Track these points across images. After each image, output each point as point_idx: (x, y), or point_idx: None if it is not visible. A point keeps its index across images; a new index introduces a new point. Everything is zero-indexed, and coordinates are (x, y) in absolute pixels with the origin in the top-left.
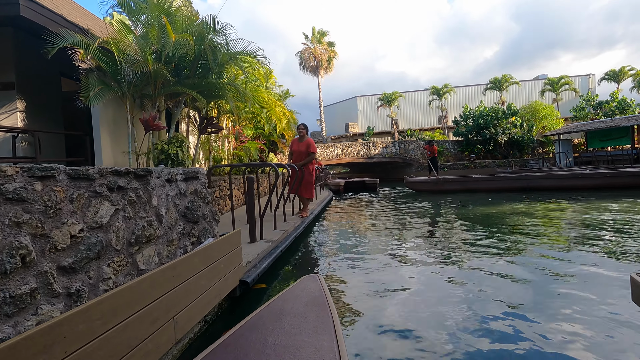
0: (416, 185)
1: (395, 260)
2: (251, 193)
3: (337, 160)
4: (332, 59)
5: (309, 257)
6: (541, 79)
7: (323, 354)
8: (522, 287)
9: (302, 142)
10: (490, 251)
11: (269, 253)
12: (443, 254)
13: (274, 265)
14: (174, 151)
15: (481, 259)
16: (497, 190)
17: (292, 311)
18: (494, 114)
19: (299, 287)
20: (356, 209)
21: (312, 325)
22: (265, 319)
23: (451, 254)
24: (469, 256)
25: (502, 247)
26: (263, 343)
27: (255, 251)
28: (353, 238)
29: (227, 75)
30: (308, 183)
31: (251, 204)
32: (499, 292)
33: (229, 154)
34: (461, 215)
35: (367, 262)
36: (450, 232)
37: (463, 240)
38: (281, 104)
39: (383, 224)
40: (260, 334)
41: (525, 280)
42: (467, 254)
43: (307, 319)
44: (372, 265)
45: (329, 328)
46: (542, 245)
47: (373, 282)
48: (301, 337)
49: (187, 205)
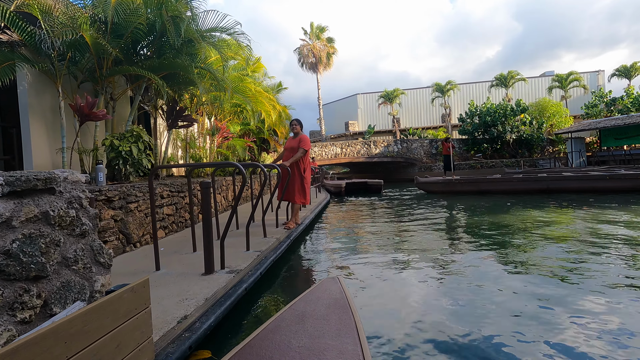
0: (427, 186)
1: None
2: (206, 203)
3: (336, 160)
4: (332, 55)
5: (291, 288)
6: (548, 76)
7: (347, 358)
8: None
9: (295, 138)
10: (523, 272)
11: (225, 296)
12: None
13: (236, 306)
14: (126, 148)
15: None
16: (514, 192)
17: (314, 314)
18: (502, 110)
19: (319, 289)
20: (360, 214)
21: (335, 328)
22: (288, 322)
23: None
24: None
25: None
26: (287, 345)
27: (204, 293)
28: (354, 253)
29: (202, 59)
30: (300, 185)
31: (207, 219)
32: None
33: (211, 152)
34: (481, 223)
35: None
36: (472, 246)
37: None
38: (271, 96)
39: (395, 235)
40: (284, 336)
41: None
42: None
43: (330, 322)
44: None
45: (351, 331)
46: (589, 278)
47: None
48: (324, 339)
49: (11, 247)
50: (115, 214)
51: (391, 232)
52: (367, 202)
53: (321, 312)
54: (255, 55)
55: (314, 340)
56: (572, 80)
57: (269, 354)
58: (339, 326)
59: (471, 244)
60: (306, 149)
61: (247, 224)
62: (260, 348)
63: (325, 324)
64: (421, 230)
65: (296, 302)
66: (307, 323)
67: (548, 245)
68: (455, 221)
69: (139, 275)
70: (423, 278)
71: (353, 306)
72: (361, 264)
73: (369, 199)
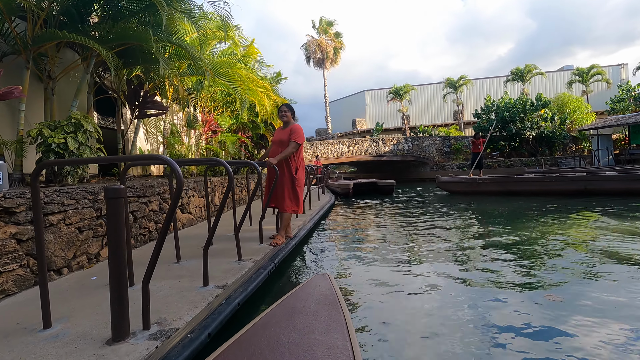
0: (450, 185)
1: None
2: (116, 221)
3: (342, 159)
4: (339, 51)
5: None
6: (567, 70)
7: (336, 352)
8: None
9: (285, 129)
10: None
11: None
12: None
13: None
14: (60, 140)
15: None
16: (545, 193)
17: (304, 310)
18: (521, 105)
19: (309, 285)
20: (371, 221)
21: (325, 324)
22: (278, 317)
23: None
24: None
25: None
26: (276, 341)
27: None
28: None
29: (171, 32)
30: (291, 189)
31: (117, 252)
32: None
33: (199, 149)
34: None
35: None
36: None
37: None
38: (267, 84)
39: (417, 251)
40: (274, 332)
41: None
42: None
43: (319, 318)
44: None
45: (341, 327)
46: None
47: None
48: (314, 335)
49: None
50: (18, 230)
51: (412, 248)
52: (378, 206)
53: (311, 308)
54: (248, 38)
55: (304, 335)
56: (594, 74)
57: (259, 350)
58: (328, 322)
59: (515, 271)
60: (299, 142)
61: (206, 248)
62: (249, 344)
63: (314, 319)
64: (461, 253)
65: (286, 298)
66: (297, 319)
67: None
68: (494, 233)
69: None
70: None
71: (342, 302)
72: (381, 299)
73: (379, 201)
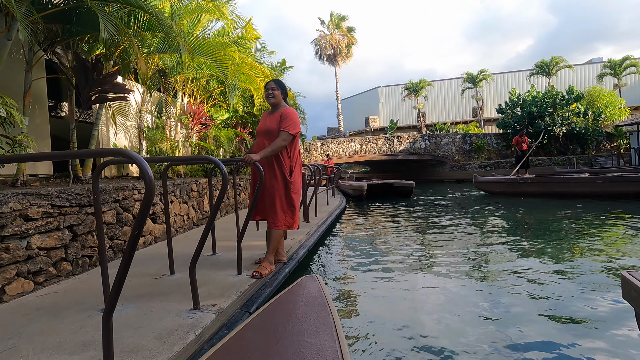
0: (488, 185)
1: None
2: None
3: (355, 158)
4: (352, 46)
5: None
6: (595, 63)
7: (325, 354)
8: None
9: (273, 114)
10: None
11: None
12: None
13: None
14: None
15: None
16: (597, 195)
17: (293, 312)
18: (551, 99)
19: (298, 287)
20: (392, 232)
21: (313, 326)
22: (267, 320)
23: None
24: None
25: None
26: (266, 344)
27: None
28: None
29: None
30: (284, 197)
31: None
32: None
33: (190, 145)
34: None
35: None
36: None
37: None
38: (265, 69)
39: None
40: (263, 335)
41: None
42: None
43: (308, 320)
44: None
45: (329, 328)
46: None
47: None
48: (303, 337)
49: None
50: None
51: (454, 275)
52: (397, 211)
53: (299, 310)
54: (244, 18)
55: (293, 338)
56: (628, 66)
57: (247, 354)
58: (317, 324)
59: None
60: (292, 132)
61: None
62: (237, 348)
63: (303, 321)
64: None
65: (274, 301)
66: (286, 321)
67: None
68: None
69: None
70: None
71: (331, 304)
72: None
73: (398, 205)
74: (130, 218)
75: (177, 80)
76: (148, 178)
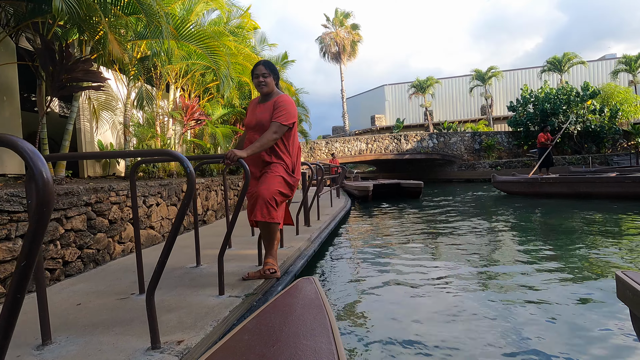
0: (507, 185)
1: None
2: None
3: (360, 157)
4: (357, 43)
5: None
6: (609, 59)
7: (322, 357)
8: None
9: (265, 103)
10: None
11: None
12: None
13: None
14: None
15: None
16: (625, 196)
17: (289, 314)
18: (565, 96)
19: (295, 289)
20: (402, 237)
21: (310, 328)
22: (263, 322)
23: None
24: None
25: None
26: (262, 347)
27: None
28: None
29: None
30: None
31: None
32: None
33: (184, 142)
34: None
35: None
36: None
37: None
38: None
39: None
40: (259, 337)
41: None
42: None
43: (305, 322)
44: None
45: (326, 330)
46: None
47: None
48: (299, 340)
49: None
50: None
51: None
52: (405, 213)
53: (296, 312)
54: (242, 8)
55: (289, 340)
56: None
57: (244, 358)
58: (313, 325)
59: None
60: (285, 123)
61: None
62: (233, 350)
63: (300, 323)
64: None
65: (271, 303)
66: (282, 323)
67: None
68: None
69: None
70: None
71: (327, 306)
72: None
73: (406, 206)
74: (106, 223)
75: (168, 72)
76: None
